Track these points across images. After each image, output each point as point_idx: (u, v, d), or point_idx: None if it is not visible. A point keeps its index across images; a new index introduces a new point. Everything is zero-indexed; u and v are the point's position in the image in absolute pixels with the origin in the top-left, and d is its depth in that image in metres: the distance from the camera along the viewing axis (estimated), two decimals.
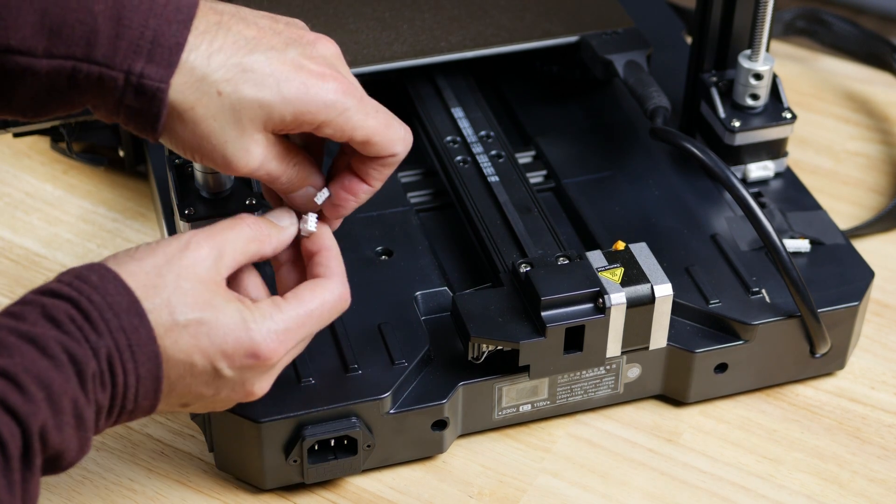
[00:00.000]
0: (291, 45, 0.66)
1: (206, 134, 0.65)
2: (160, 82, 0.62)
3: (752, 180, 0.89)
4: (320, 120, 0.66)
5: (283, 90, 0.64)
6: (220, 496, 0.75)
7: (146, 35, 0.62)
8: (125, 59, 0.62)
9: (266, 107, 0.64)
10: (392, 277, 0.80)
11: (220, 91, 0.64)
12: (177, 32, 0.63)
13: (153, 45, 0.62)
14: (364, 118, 0.67)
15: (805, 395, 0.83)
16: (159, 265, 0.64)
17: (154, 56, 0.62)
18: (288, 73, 0.65)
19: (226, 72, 0.64)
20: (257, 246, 0.68)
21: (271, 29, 0.67)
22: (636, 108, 0.95)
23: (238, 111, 0.64)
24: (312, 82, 0.65)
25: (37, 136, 0.99)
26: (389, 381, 0.74)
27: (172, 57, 0.62)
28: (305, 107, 0.65)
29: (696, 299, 0.79)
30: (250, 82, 0.64)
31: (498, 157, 0.88)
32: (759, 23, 0.84)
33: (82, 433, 0.60)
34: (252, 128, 0.65)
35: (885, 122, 1.06)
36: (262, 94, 0.64)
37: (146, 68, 0.62)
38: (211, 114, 0.64)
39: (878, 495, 0.77)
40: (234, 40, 0.64)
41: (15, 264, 0.90)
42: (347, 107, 0.66)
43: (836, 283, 0.81)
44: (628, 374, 0.79)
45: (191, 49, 0.63)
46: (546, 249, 0.80)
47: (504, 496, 0.76)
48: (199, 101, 0.64)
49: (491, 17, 0.94)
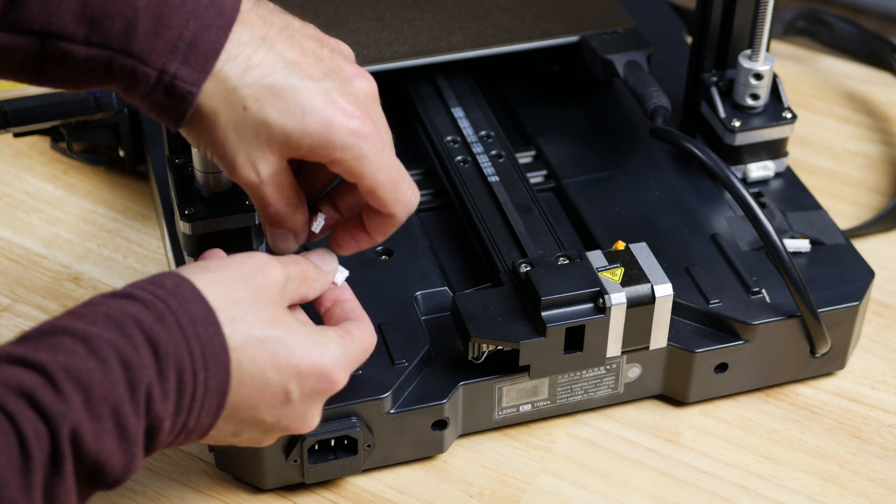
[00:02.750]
0: (329, 77, 0.66)
1: (223, 140, 0.65)
2: (192, 85, 0.63)
3: (752, 180, 0.88)
4: (334, 157, 0.66)
5: (307, 122, 0.65)
6: (220, 496, 0.75)
7: (185, 36, 0.62)
8: (160, 56, 0.62)
9: (286, 134, 0.65)
10: (392, 277, 0.80)
11: (247, 107, 0.64)
12: (215, 37, 0.62)
13: (190, 48, 0.62)
14: (376, 170, 0.67)
15: (805, 394, 0.83)
16: (236, 279, 0.63)
17: (189, 58, 0.62)
18: (315, 106, 0.65)
19: (256, 90, 0.64)
20: (306, 288, 0.68)
21: (314, 55, 0.66)
22: (636, 108, 0.95)
23: (258, 130, 0.65)
24: (337, 120, 0.65)
25: (37, 136, 0.99)
26: (390, 381, 0.74)
27: (207, 63, 0.62)
28: (323, 143, 0.65)
29: (697, 299, 0.79)
30: (277, 107, 0.64)
31: (498, 156, 0.88)
32: (760, 23, 0.84)
33: (126, 446, 0.57)
34: (267, 147, 0.65)
35: (886, 122, 1.06)
36: (285, 122, 0.64)
37: (180, 70, 0.62)
38: (232, 124, 0.64)
39: (878, 495, 0.77)
40: (274, 60, 0.64)
41: (15, 264, 0.90)
42: (364, 154, 0.66)
43: (836, 283, 0.81)
44: (628, 373, 0.79)
45: (228, 58, 0.63)
46: (546, 249, 0.80)
47: (504, 496, 0.76)
48: (224, 110, 0.64)
49: (491, 17, 0.94)
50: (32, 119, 0.89)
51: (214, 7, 0.63)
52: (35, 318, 0.86)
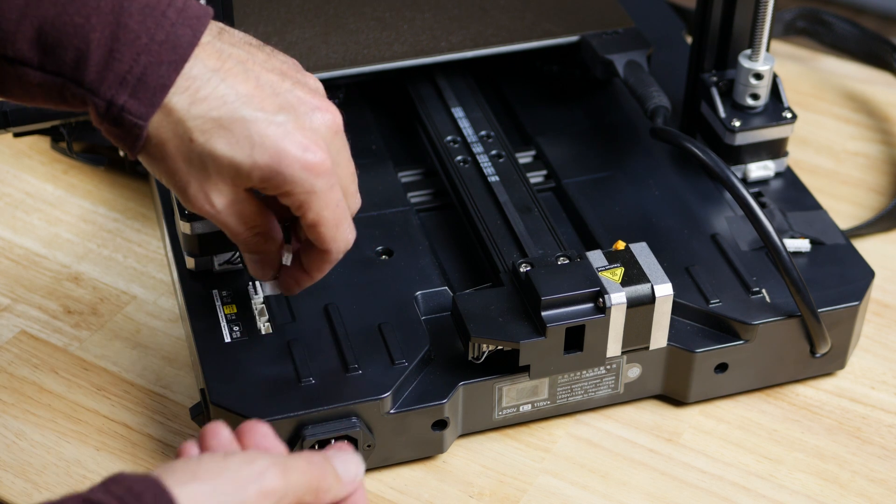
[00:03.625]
0: (285, 110, 0.66)
1: (172, 170, 0.65)
2: (139, 119, 0.63)
3: (752, 180, 0.88)
4: (283, 190, 0.66)
5: (255, 155, 0.65)
6: None
7: (134, 71, 0.62)
8: (109, 88, 0.62)
9: (234, 166, 0.65)
10: (392, 277, 0.80)
11: (193, 139, 0.64)
12: (165, 74, 0.62)
13: (139, 82, 0.62)
14: (323, 206, 0.67)
15: (805, 395, 0.83)
16: (226, 493, 0.56)
17: (138, 92, 0.62)
18: (265, 139, 0.64)
19: (203, 122, 0.64)
20: (313, 499, 0.60)
21: (271, 88, 0.66)
22: (636, 108, 0.95)
23: (206, 161, 0.65)
24: (287, 154, 0.65)
25: (37, 136, 0.99)
26: (390, 381, 0.74)
27: (155, 97, 0.63)
28: (273, 175, 0.65)
29: (697, 299, 0.79)
30: (224, 139, 0.64)
31: (498, 156, 0.88)
32: (760, 23, 0.84)
33: None
34: (218, 178, 0.66)
35: (886, 122, 1.06)
36: (233, 154, 0.64)
37: (128, 102, 0.62)
38: (181, 155, 0.65)
39: (878, 495, 0.77)
40: (224, 94, 0.64)
41: (15, 264, 0.90)
42: (314, 189, 0.66)
43: (836, 282, 0.81)
44: (628, 373, 0.79)
45: (176, 91, 0.63)
46: (546, 249, 0.80)
47: (504, 496, 0.76)
48: (171, 141, 0.64)
49: (491, 17, 0.94)
50: (32, 119, 0.89)
51: (168, 43, 0.62)
52: (35, 317, 0.86)
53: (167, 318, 0.86)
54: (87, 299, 0.87)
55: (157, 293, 0.88)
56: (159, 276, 0.89)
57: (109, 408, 0.80)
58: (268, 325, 0.77)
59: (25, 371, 0.82)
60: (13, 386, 0.81)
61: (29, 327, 0.85)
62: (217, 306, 0.78)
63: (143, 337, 0.85)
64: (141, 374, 0.82)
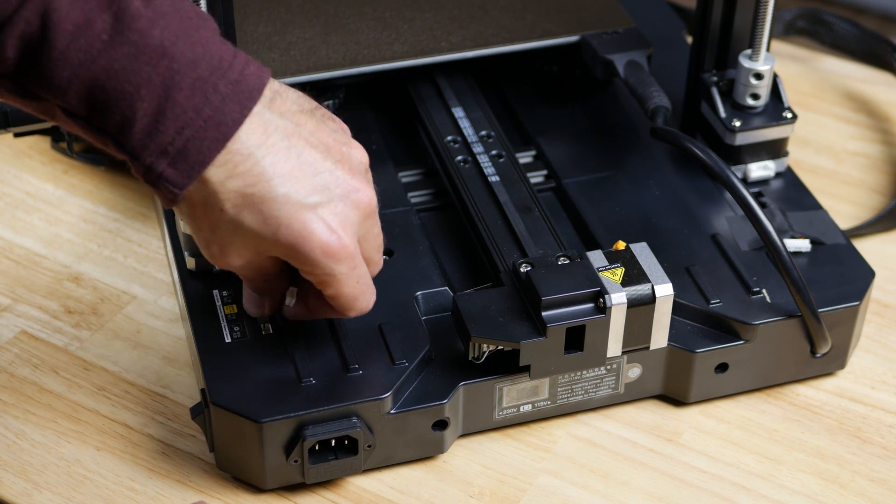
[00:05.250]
0: (319, 192, 0.66)
1: (198, 228, 0.67)
2: (175, 187, 0.64)
3: (752, 180, 0.89)
4: (304, 269, 0.68)
5: (281, 234, 0.66)
6: (220, 496, 0.75)
7: (176, 143, 0.63)
8: (150, 156, 0.63)
9: (258, 239, 0.66)
10: (392, 277, 0.80)
11: (224, 210, 0.65)
12: (206, 150, 0.63)
13: (178, 155, 0.63)
14: (342, 286, 0.69)
15: (806, 395, 0.83)
16: None
17: (177, 164, 0.63)
18: (293, 222, 0.66)
19: (236, 197, 0.65)
20: None
21: (312, 168, 0.66)
22: (636, 108, 0.95)
23: (232, 230, 0.66)
24: (312, 238, 0.66)
25: (37, 136, 0.99)
26: (390, 381, 0.74)
27: (193, 171, 0.63)
28: (296, 255, 0.67)
29: (697, 299, 0.79)
30: (253, 216, 0.65)
31: (498, 156, 0.88)
32: (760, 22, 0.84)
33: None
34: (241, 244, 0.67)
35: (886, 122, 1.06)
36: (260, 229, 0.66)
37: (166, 171, 0.63)
38: (208, 220, 0.66)
39: (878, 495, 0.77)
40: (261, 171, 0.65)
41: (15, 264, 0.90)
42: (334, 273, 0.68)
43: (836, 282, 0.81)
44: (629, 373, 0.79)
45: (214, 164, 0.64)
46: (546, 249, 0.80)
47: (504, 496, 0.76)
48: (201, 206, 0.66)
49: (491, 17, 0.94)
50: (33, 119, 0.89)
51: (214, 120, 0.63)
52: (35, 317, 0.86)
53: (167, 318, 0.86)
54: (87, 299, 0.87)
55: (157, 293, 0.88)
56: (159, 276, 0.89)
57: (110, 408, 0.80)
58: (268, 325, 0.77)
59: (26, 371, 0.82)
60: (13, 386, 0.81)
61: (29, 327, 0.85)
62: (217, 306, 0.78)
63: (144, 337, 0.85)
64: (141, 374, 0.82)
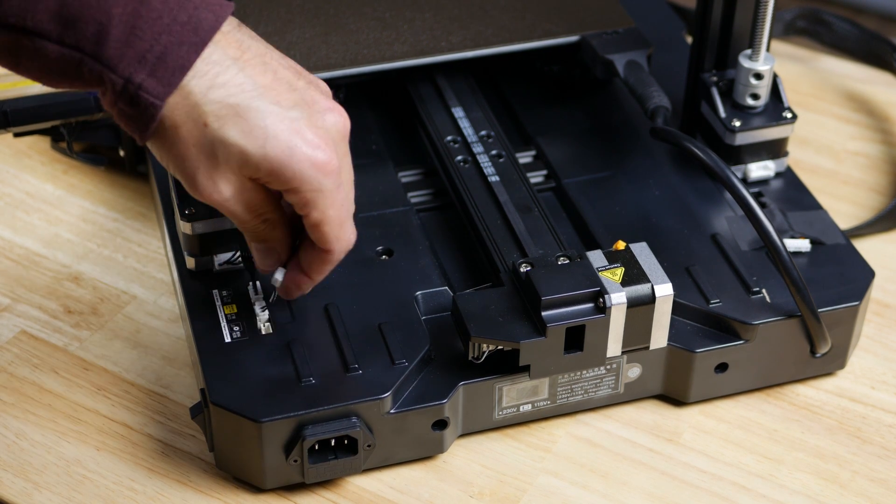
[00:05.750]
0: (299, 106, 0.66)
1: (182, 155, 0.66)
2: (156, 98, 0.63)
3: (752, 180, 0.88)
4: (291, 186, 0.67)
5: (267, 147, 0.65)
6: (220, 496, 0.75)
7: (155, 49, 0.62)
8: (128, 66, 0.62)
9: (244, 155, 0.65)
10: (392, 277, 0.80)
11: (207, 123, 0.64)
12: (185, 54, 0.63)
13: (158, 61, 0.62)
14: (328, 205, 0.68)
15: (805, 394, 0.83)
16: None
17: (157, 71, 0.63)
18: (279, 133, 0.65)
19: (219, 108, 0.64)
20: None
21: (288, 83, 0.67)
22: (636, 108, 0.95)
23: (216, 147, 0.65)
24: (300, 150, 0.66)
25: (37, 136, 0.99)
26: (390, 381, 0.74)
27: (174, 77, 0.63)
28: (282, 169, 0.66)
29: (697, 299, 0.79)
30: (238, 127, 0.65)
31: (498, 156, 0.88)
32: (760, 22, 0.84)
33: None
34: (226, 167, 0.66)
35: (886, 121, 1.06)
36: (245, 143, 0.65)
37: (146, 81, 0.63)
38: (192, 140, 0.65)
39: (878, 495, 0.77)
40: (242, 81, 0.65)
41: (15, 264, 0.90)
42: (322, 187, 0.67)
43: (836, 282, 0.81)
44: (629, 373, 0.79)
45: (195, 74, 0.64)
46: (546, 249, 0.80)
47: (504, 496, 0.76)
48: (184, 124, 0.64)
49: (491, 17, 0.94)
50: (32, 119, 0.89)
51: (191, 24, 0.63)
52: (35, 317, 0.86)
53: (167, 318, 0.86)
54: (87, 299, 0.87)
55: (157, 293, 0.88)
56: (159, 276, 0.89)
57: (109, 408, 0.80)
58: (268, 325, 0.77)
59: (25, 371, 0.82)
60: (13, 386, 0.81)
61: (29, 327, 0.85)
62: (217, 306, 0.78)
63: (144, 337, 0.85)
64: (141, 374, 0.82)
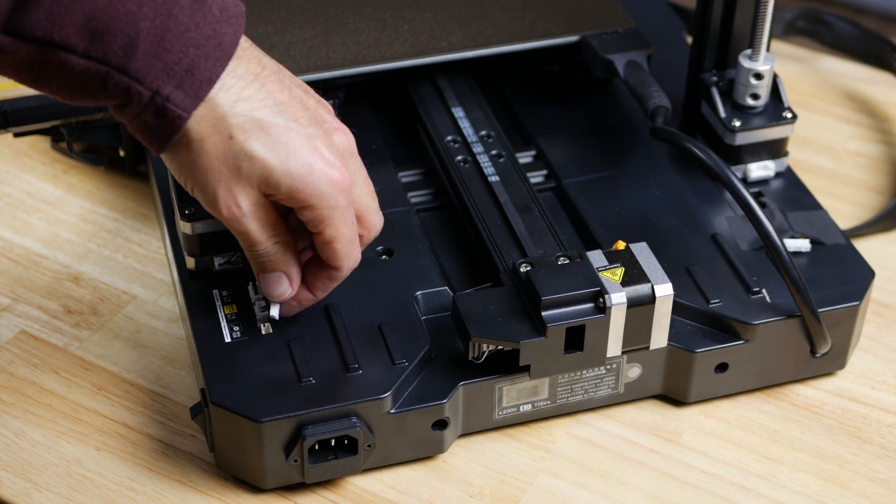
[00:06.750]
0: (313, 124, 0.68)
1: (205, 168, 0.66)
2: (183, 110, 0.64)
3: (752, 180, 0.89)
4: (309, 203, 0.68)
5: (290, 162, 0.66)
6: (220, 496, 0.75)
7: (183, 62, 0.63)
8: (156, 78, 0.63)
9: (268, 169, 0.66)
10: (392, 277, 0.80)
11: (233, 136, 0.65)
12: (212, 67, 0.64)
13: (187, 73, 0.63)
14: (342, 222, 0.69)
15: (805, 394, 0.83)
16: None
17: (185, 84, 0.63)
18: (300, 149, 0.66)
19: (245, 121, 0.65)
20: None
21: (301, 102, 0.68)
22: (636, 108, 0.95)
23: (240, 160, 0.66)
24: (318, 167, 0.67)
25: (37, 136, 0.99)
26: (390, 381, 0.74)
27: (202, 90, 0.64)
28: (303, 186, 0.67)
29: (697, 299, 0.79)
30: (262, 141, 0.66)
31: (498, 156, 0.88)
32: (760, 22, 0.84)
33: None
34: (247, 181, 0.67)
35: (886, 122, 1.06)
36: (269, 157, 0.66)
37: (174, 93, 0.63)
38: (216, 152, 0.66)
39: (878, 495, 0.77)
40: (264, 97, 0.66)
41: (15, 264, 0.90)
42: (337, 205, 0.68)
43: (836, 282, 0.81)
44: (629, 373, 0.79)
45: (222, 87, 0.65)
46: (546, 249, 0.80)
47: (504, 496, 0.76)
48: (210, 136, 0.65)
49: (491, 17, 0.94)
50: (32, 119, 0.89)
51: (215, 39, 0.64)
52: (35, 317, 0.86)
53: (167, 318, 0.86)
54: (87, 299, 0.87)
55: (157, 293, 0.88)
56: (159, 276, 0.89)
57: (109, 408, 0.80)
58: (268, 325, 0.77)
59: (25, 371, 0.82)
60: (13, 386, 0.81)
61: (29, 327, 0.85)
62: (217, 306, 0.78)
63: (143, 337, 0.85)
64: (141, 374, 0.82)
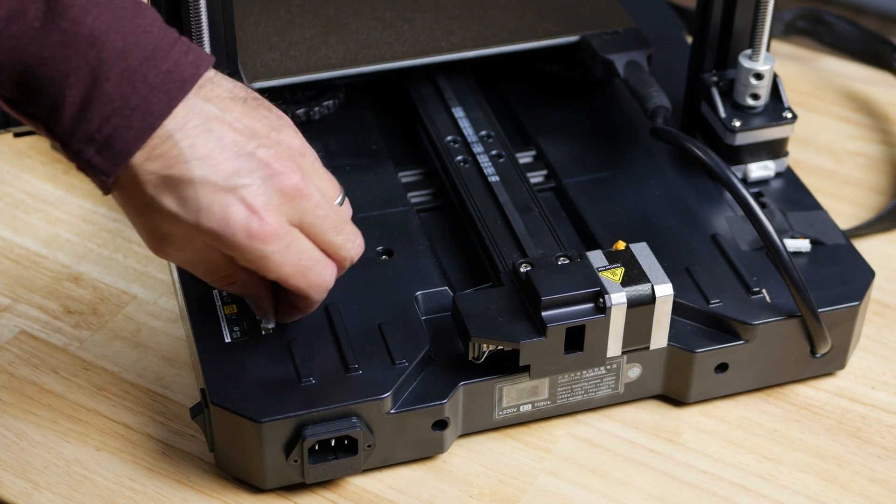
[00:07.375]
0: (240, 175, 0.65)
1: (133, 218, 0.67)
2: (104, 174, 0.64)
3: (752, 180, 0.89)
4: (234, 254, 0.67)
5: (202, 219, 0.65)
6: (220, 496, 0.75)
7: (103, 131, 0.63)
8: (77, 142, 0.64)
9: (182, 225, 0.66)
10: (392, 277, 0.80)
11: (146, 192, 0.65)
12: (132, 138, 0.63)
13: (105, 143, 0.63)
14: (280, 266, 0.68)
15: (805, 395, 0.83)
16: None
17: (103, 152, 0.64)
18: (212, 204, 0.65)
19: (155, 179, 0.65)
20: None
21: (233, 150, 0.65)
22: (636, 108, 0.95)
23: (156, 217, 0.66)
24: (233, 221, 0.65)
25: (37, 136, 0.99)
26: (390, 381, 0.74)
27: (119, 160, 0.64)
28: (220, 239, 0.66)
29: (697, 299, 0.79)
30: (172, 197, 0.65)
31: (498, 156, 0.88)
32: (760, 22, 0.84)
33: None
34: (172, 232, 0.67)
35: (886, 122, 1.06)
36: (180, 212, 0.65)
37: (94, 158, 0.64)
38: (137, 204, 0.66)
39: (878, 495, 0.77)
40: (179, 153, 0.64)
41: (15, 264, 0.90)
42: (264, 254, 0.67)
43: (836, 282, 0.81)
44: (629, 373, 0.79)
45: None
46: (546, 249, 0.80)
47: (504, 496, 0.76)
48: (129, 189, 0.66)
49: (491, 17, 0.94)
50: None
51: (140, 109, 0.63)
52: (35, 318, 0.86)
53: (167, 318, 0.86)
54: (87, 299, 0.87)
55: (157, 293, 0.88)
56: (159, 276, 0.89)
57: (109, 408, 0.80)
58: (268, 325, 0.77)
59: (26, 371, 0.82)
60: (13, 386, 0.81)
61: (29, 327, 0.85)
62: (217, 306, 0.78)
63: (144, 337, 0.85)
64: (141, 374, 0.82)
